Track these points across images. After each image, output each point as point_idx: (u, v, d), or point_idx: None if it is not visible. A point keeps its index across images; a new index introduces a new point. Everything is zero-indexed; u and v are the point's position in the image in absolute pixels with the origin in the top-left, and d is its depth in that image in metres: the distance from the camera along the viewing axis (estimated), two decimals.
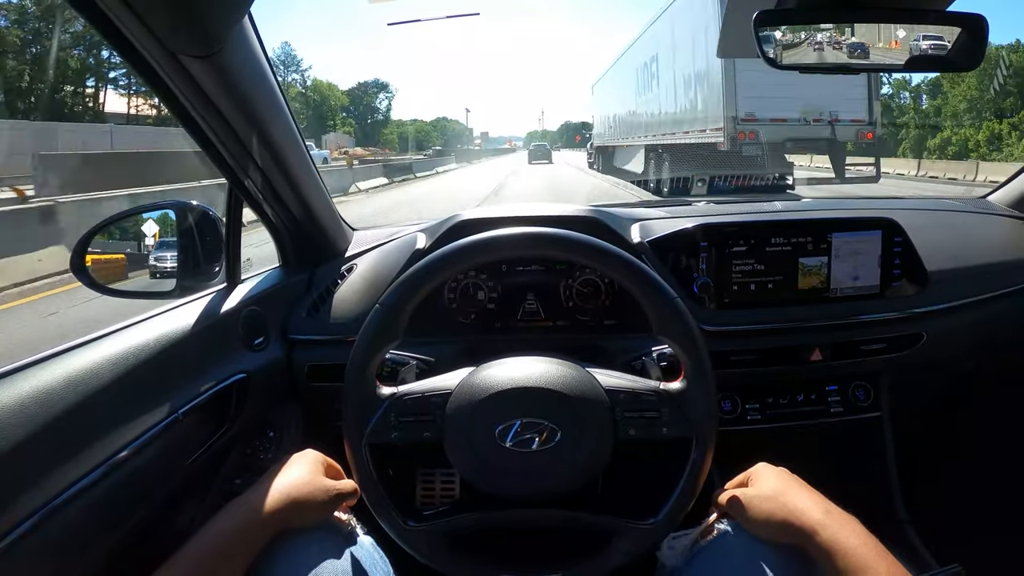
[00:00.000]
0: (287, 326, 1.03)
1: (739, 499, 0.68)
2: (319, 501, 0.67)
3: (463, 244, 0.71)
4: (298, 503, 0.66)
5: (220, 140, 0.80)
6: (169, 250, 0.94)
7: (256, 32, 0.76)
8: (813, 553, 0.62)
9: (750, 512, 0.67)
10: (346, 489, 0.70)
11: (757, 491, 0.68)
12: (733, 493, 0.70)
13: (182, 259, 0.93)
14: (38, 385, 0.61)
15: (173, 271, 0.92)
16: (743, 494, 0.69)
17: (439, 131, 76.47)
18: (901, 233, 1.06)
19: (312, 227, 1.05)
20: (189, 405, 0.78)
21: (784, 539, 0.64)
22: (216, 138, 0.79)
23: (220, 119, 0.76)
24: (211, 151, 0.82)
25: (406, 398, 0.70)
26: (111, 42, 0.63)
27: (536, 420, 0.67)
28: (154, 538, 0.75)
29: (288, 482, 0.67)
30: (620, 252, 0.71)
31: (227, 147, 0.81)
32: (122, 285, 0.92)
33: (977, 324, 1.14)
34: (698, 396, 0.69)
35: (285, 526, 0.65)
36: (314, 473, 0.69)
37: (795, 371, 1.07)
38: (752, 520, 0.67)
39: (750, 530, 0.67)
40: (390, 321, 0.69)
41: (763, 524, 0.66)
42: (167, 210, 0.95)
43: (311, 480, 0.68)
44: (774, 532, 0.65)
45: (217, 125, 0.77)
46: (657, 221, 1.13)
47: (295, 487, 0.67)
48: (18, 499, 0.57)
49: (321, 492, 0.68)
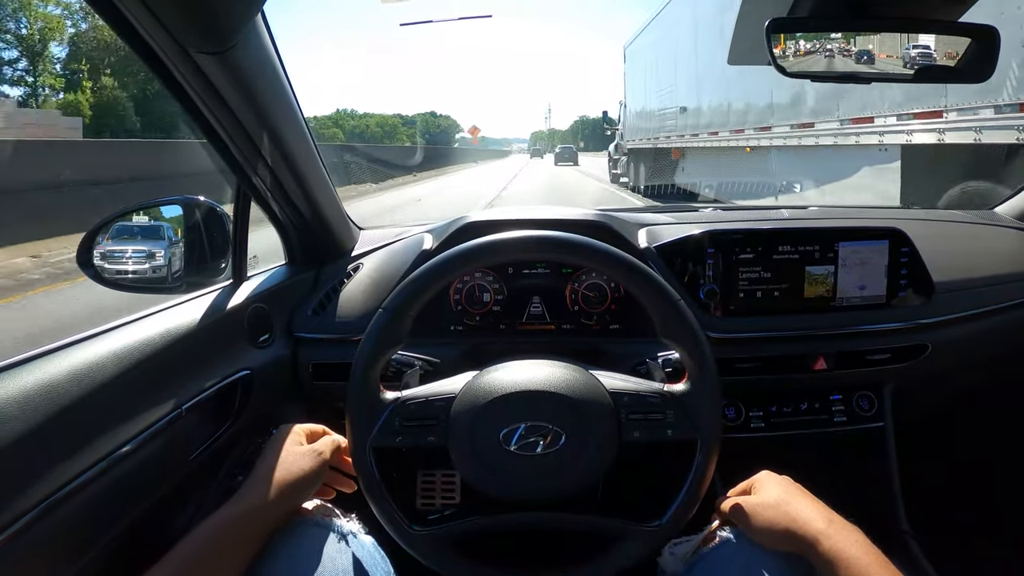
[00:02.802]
0: (293, 324, 1.03)
1: (742, 506, 0.68)
2: (310, 469, 0.68)
3: (469, 247, 0.71)
4: (290, 482, 0.66)
5: (230, 137, 0.80)
6: (176, 245, 0.94)
7: (268, 29, 0.76)
8: (815, 562, 0.61)
9: (753, 520, 0.67)
10: (329, 446, 0.71)
11: (760, 499, 0.68)
12: (736, 500, 0.70)
13: (189, 255, 0.93)
14: (42, 378, 0.61)
15: (180, 266, 0.92)
16: (746, 501, 0.69)
17: (424, 125, 69.96)
18: (908, 243, 1.05)
19: (319, 225, 1.05)
20: (193, 401, 0.78)
21: (786, 547, 0.64)
22: (226, 135, 0.79)
23: (231, 116, 0.76)
24: (221, 148, 0.82)
25: (410, 403, 0.70)
26: (124, 38, 0.63)
27: (541, 423, 0.67)
28: (155, 534, 0.75)
29: (274, 464, 0.67)
30: (626, 256, 0.71)
31: (237, 144, 0.81)
32: (128, 279, 0.92)
33: (983, 336, 1.13)
34: (703, 398, 0.69)
35: (287, 509, 0.66)
36: (293, 443, 0.70)
37: (799, 379, 1.07)
38: (755, 528, 0.66)
39: (752, 537, 0.67)
40: (394, 325, 0.69)
41: (766, 532, 0.65)
42: (174, 205, 0.96)
43: (292, 451, 0.68)
44: (776, 540, 0.65)
45: (228, 122, 0.77)
46: (664, 227, 1.13)
47: (282, 467, 0.67)
48: (21, 491, 0.57)
49: (308, 459, 0.68)
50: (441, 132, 74.13)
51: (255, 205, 0.95)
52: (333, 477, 0.76)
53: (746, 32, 0.90)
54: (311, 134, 0.94)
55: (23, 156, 7.88)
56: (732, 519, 0.70)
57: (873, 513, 0.78)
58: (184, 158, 6.91)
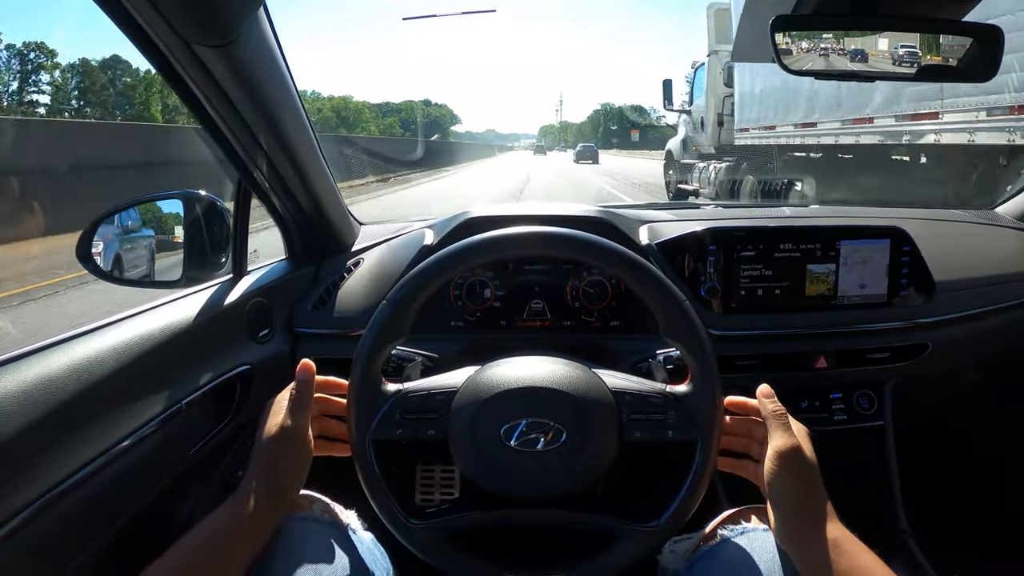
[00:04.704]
0: (293, 319, 1.03)
1: (768, 460, 0.66)
2: (294, 429, 0.66)
3: (471, 242, 0.71)
4: (283, 455, 0.65)
5: (231, 131, 0.79)
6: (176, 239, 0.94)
7: (271, 23, 0.76)
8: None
9: (769, 478, 0.65)
10: (303, 390, 0.69)
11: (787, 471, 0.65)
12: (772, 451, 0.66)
13: (188, 249, 0.92)
14: (42, 372, 0.61)
15: (179, 261, 0.92)
16: (777, 459, 0.65)
17: (410, 115, 60.04)
18: (910, 242, 1.06)
19: (320, 220, 1.05)
20: (192, 396, 0.78)
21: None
22: (227, 129, 0.79)
23: (232, 109, 0.76)
24: (222, 142, 0.81)
25: (411, 395, 0.70)
26: (125, 31, 0.63)
27: (542, 420, 0.67)
28: (155, 528, 0.75)
29: (262, 447, 0.66)
30: (629, 253, 0.70)
31: (238, 138, 0.81)
32: (128, 273, 0.92)
33: (983, 336, 1.13)
34: (705, 399, 0.68)
35: (286, 485, 0.65)
36: (276, 414, 0.68)
37: (800, 378, 1.07)
38: (767, 483, 0.66)
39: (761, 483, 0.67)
40: (397, 318, 0.69)
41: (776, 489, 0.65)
42: (175, 199, 0.95)
43: (273, 425, 0.67)
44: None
45: (229, 115, 0.77)
46: (666, 223, 1.13)
47: (267, 447, 0.66)
48: (21, 486, 0.56)
49: (292, 425, 0.66)
50: (431, 122, 67.94)
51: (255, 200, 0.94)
52: (326, 445, 0.74)
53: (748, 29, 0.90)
54: (312, 128, 0.94)
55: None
56: (748, 451, 0.71)
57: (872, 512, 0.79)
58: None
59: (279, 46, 0.79)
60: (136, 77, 26.89)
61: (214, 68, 0.69)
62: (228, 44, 0.67)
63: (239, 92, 0.74)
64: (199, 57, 0.67)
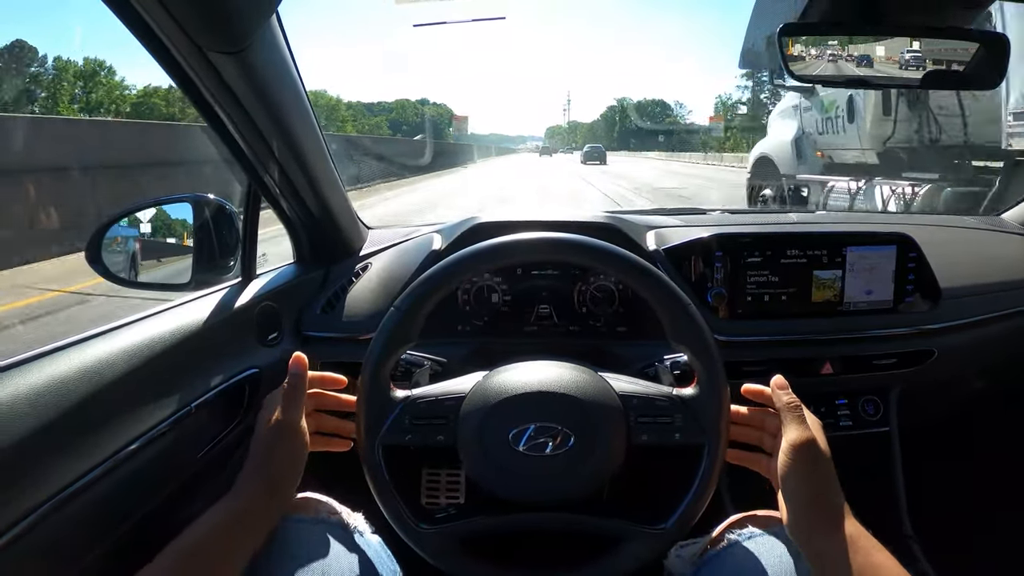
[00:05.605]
0: (301, 322, 1.03)
1: (782, 453, 0.65)
2: (287, 422, 0.67)
3: (482, 247, 0.71)
4: (277, 449, 0.66)
5: (242, 136, 0.80)
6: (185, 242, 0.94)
7: (282, 29, 0.77)
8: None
9: (783, 470, 0.65)
10: (296, 384, 0.69)
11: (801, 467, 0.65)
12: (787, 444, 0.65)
13: (197, 252, 0.93)
14: (54, 374, 0.61)
15: (188, 264, 0.93)
16: (790, 456, 0.65)
17: (401, 114, 56.57)
18: (916, 249, 1.06)
19: (329, 224, 1.05)
20: (201, 399, 0.78)
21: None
22: (239, 134, 0.80)
23: (244, 115, 0.76)
24: (233, 147, 0.82)
25: (420, 401, 0.70)
26: (139, 37, 0.63)
27: (550, 424, 0.67)
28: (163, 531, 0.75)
29: (256, 441, 0.67)
30: (636, 258, 0.71)
31: (249, 143, 0.81)
32: (137, 277, 0.92)
33: (989, 342, 1.13)
34: (712, 402, 0.69)
35: (280, 480, 0.65)
36: (270, 409, 0.68)
37: (806, 383, 1.07)
38: (780, 476, 0.65)
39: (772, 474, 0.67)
40: (406, 323, 0.70)
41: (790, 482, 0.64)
42: (184, 202, 0.96)
43: (267, 419, 0.67)
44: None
45: (241, 121, 0.77)
46: (672, 229, 1.13)
47: (261, 441, 0.66)
48: (31, 487, 0.57)
49: (286, 419, 0.67)
50: (423, 123, 62.99)
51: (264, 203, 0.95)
52: (323, 440, 0.75)
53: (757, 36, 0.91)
54: (322, 134, 0.94)
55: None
56: (762, 445, 0.71)
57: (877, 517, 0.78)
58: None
59: (291, 52, 0.80)
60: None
61: (227, 74, 0.70)
62: (241, 51, 0.68)
63: (251, 98, 0.75)
64: (212, 63, 0.67)
